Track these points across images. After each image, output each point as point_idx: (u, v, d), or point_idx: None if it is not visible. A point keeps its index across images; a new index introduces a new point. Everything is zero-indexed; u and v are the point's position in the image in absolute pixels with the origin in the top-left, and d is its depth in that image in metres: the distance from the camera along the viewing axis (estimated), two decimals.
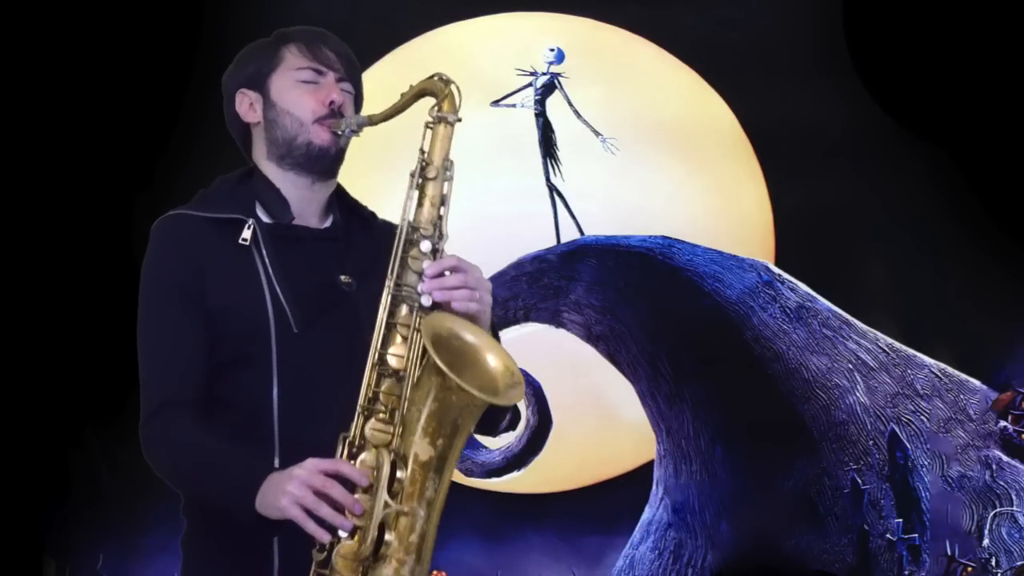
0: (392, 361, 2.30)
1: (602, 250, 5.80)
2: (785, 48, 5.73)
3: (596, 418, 5.77)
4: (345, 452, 2.27)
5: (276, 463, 2.39)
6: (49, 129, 5.28)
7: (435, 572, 5.26)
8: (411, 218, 2.38)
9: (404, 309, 2.33)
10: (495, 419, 2.55)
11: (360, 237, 2.57)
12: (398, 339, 2.32)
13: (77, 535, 5.35)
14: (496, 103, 5.83)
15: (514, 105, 5.85)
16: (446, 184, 2.42)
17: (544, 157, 5.83)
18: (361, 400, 2.30)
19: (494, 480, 5.69)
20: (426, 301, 2.33)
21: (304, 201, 2.54)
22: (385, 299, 2.33)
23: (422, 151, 2.42)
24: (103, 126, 5.32)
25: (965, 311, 5.51)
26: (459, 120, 2.47)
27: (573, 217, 5.80)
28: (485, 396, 2.22)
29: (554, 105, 5.86)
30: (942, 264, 5.53)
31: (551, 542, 5.63)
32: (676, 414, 5.72)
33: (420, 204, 2.39)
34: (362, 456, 2.26)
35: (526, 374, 5.72)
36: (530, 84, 5.85)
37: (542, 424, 5.71)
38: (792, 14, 5.77)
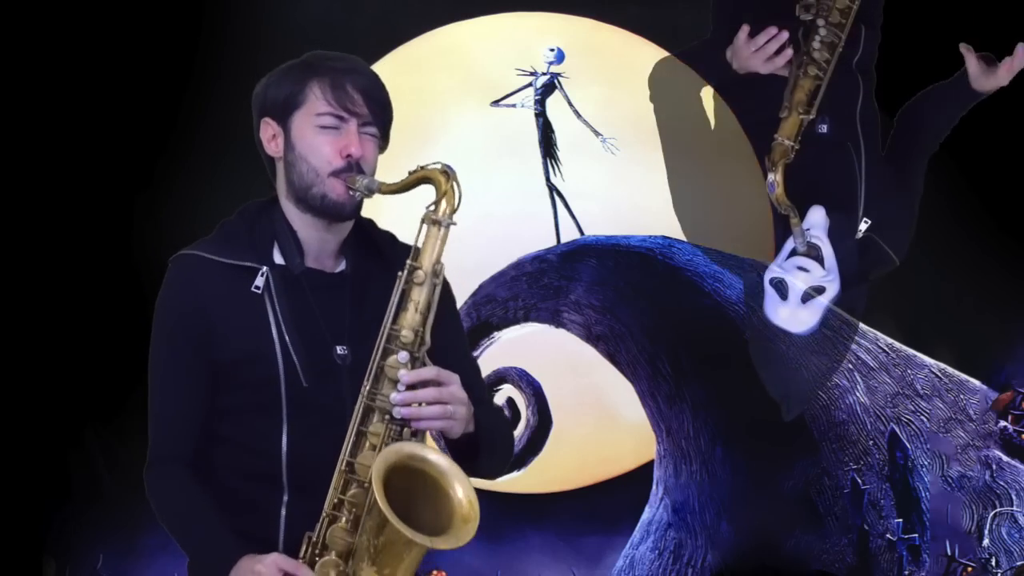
0: (359, 469, 2.33)
1: (602, 250, 5.80)
2: None
3: (596, 418, 5.77)
4: (308, 553, 2.32)
5: (283, 504, 2.42)
6: (48, 129, 5.27)
7: (435, 572, 5.25)
8: (392, 321, 2.37)
9: (376, 417, 2.34)
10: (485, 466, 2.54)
11: (377, 277, 2.56)
12: (367, 447, 2.34)
13: (77, 535, 5.35)
14: (496, 103, 5.83)
15: (514, 105, 5.84)
16: (435, 289, 2.38)
17: (544, 157, 5.83)
18: (327, 505, 2.36)
19: (494, 480, 5.68)
20: (397, 413, 2.35)
21: (321, 242, 2.55)
22: (358, 406, 2.34)
23: (415, 248, 2.37)
24: (103, 126, 5.31)
25: (965, 311, 5.51)
26: (454, 224, 2.41)
27: (573, 217, 5.80)
28: (426, 540, 2.26)
29: (554, 105, 5.85)
30: (942, 264, 5.53)
31: (551, 542, 5.62)
32: (676, 414, 5.72)
33: (403, 308, 2.37)
34: (323, 559, 2.34)
35: (526, 374, 5.74)
36: (530, 84, 5.84)
37: (542, 424, 5.70)
38: None
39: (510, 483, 5.75)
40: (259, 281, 2.44)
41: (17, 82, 5.25)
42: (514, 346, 5.75)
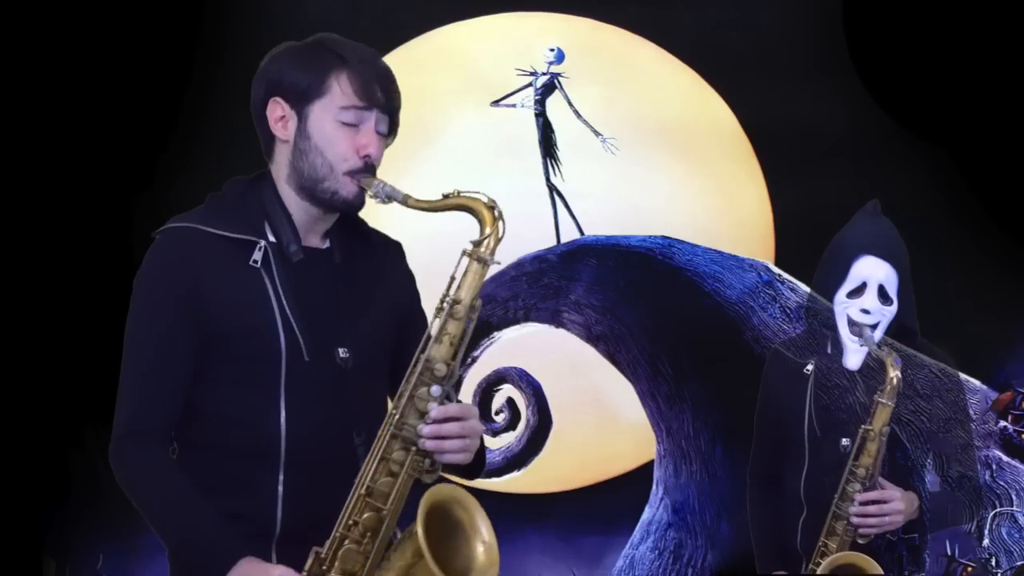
0: (377, 495, 2.32)
1: (602, 250, 5.80)
2: (785, 48, 5.73)
3: (596, 418, 5.77)
4: (314, 567, 2.30)
5: (280, 482, 2.39)
6: (49, 129, 5.28)
7: None
8: (426, 352, 2.34)
9: (399, 446, 2.33)
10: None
11: (362, 257, 2.55)
12: (387, 473, 2.33)
13: (77, 535, 5.35)
14: (496, 103, 5.83)
15: (514, 105, 5.85)
16: (470, 325, 2.37)
17: (544, 157, 5.83)
18: (340, 525, 2.31)
19: (494, 480, 5.69)
20: (422, 444, 2.34)
21: (311, 224, 2.52)
22: (384, 432, 2.33)
23: (453, 278, 2.36)
24: (103, 126, 5.31)
25: (965, 311, 5.51)
26: (498, 263, 2.38)
27: (573, 217, 5.80)
28: None
29: (554, 105, 5.86)
30: (942, 264, 5.53)
31: (551, 542, 5.63)
32: (676, 414, 5.72)
33: (439, 340, 2.35)
34: None
35: (526, 374, 5.74)
36: (530, 84, 5.85)
37: (542, 424, 5.71)
38: (792, 14, 5.77)
39: (510, 483, 5.76)
40: (257, 255, 2.40)
41: (17, 82, 5.25)
42: (514, 346, 5.75)
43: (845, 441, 3.37)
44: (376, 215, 2.61)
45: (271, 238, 2.47)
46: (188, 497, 2.38)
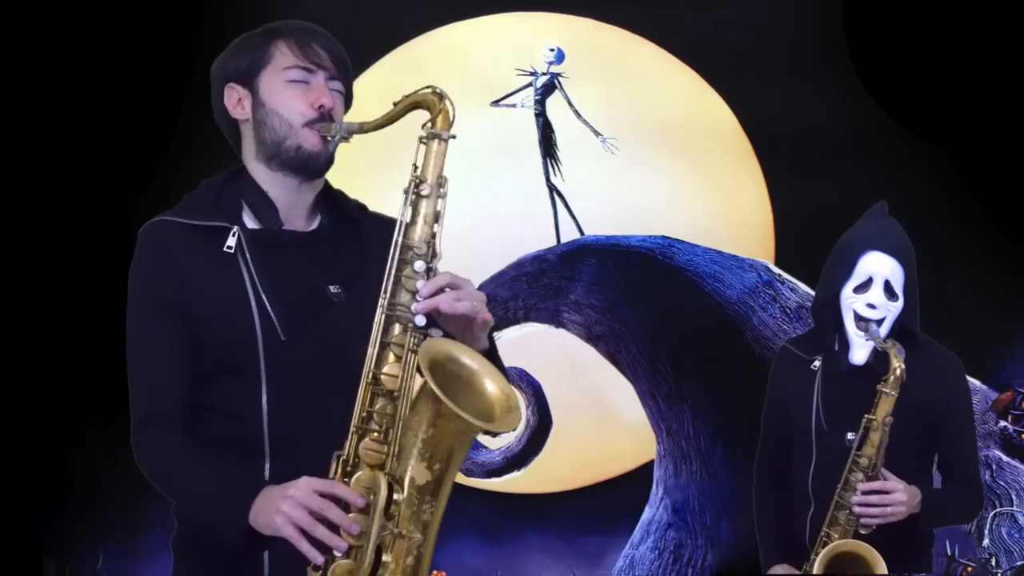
0: (386, 381, 2.29)
1: (602, 250, 5.81)
2: (785, 48, 5.74)
3: (596, 418, 5.77)
4: (339, 471, 2.27)
5: (266, 472, 2.39)
6: (49, 129, 5.28)
7: (435, 572, 5.26)
8: (404, 236, 2.35)
9: (398, 328, 2.29)
10: None
11: (348, 238, 2.54)
12: (391, 358, 2.30)
13: (77, 535, 5.35)
14: (496, 103, 5.84)
15: (514, 105, 5.85)
16: (440, 201, 2.35)
17: (544, 157, 5.83)
18: (355, 419, 2.27)
19: (494, 480, 5.69)
20: (419, 321, 2.30)
21: (291, 203, 2.52)
22: (379, 318, 2.29)
23: (415, 167, 2.36)
24: (103, 126, 5.32)
25: (965, 311, 5.51)
26: (453, 137, 2.39)
27: (573, 217, 5.80)
28: (481, 423, 2.21)
29: (554, 105, 5.86)
30: (942, 264, 5.53)
31: (551, 542, 5.63)
32: (676, 414, 5.72)
33: (413, 222, 2.33)
34: (356, 475, 2.25)
35: (526, 374, 5.74)
36: (530, 84, 5.85)
37: (542, 424, 5.71)
38: (792, 14, 5.78)
39: (510, 483, 5.76)
40: (231, 241, 2.42)
41: (18, 82, 5.25)
42: (514, 346, 5.75)
43: (850, 435, 3.37)
44: (376, 207, 2.63)
45: (248, 224, 2.48)
46: (205, 462, 2.38)
